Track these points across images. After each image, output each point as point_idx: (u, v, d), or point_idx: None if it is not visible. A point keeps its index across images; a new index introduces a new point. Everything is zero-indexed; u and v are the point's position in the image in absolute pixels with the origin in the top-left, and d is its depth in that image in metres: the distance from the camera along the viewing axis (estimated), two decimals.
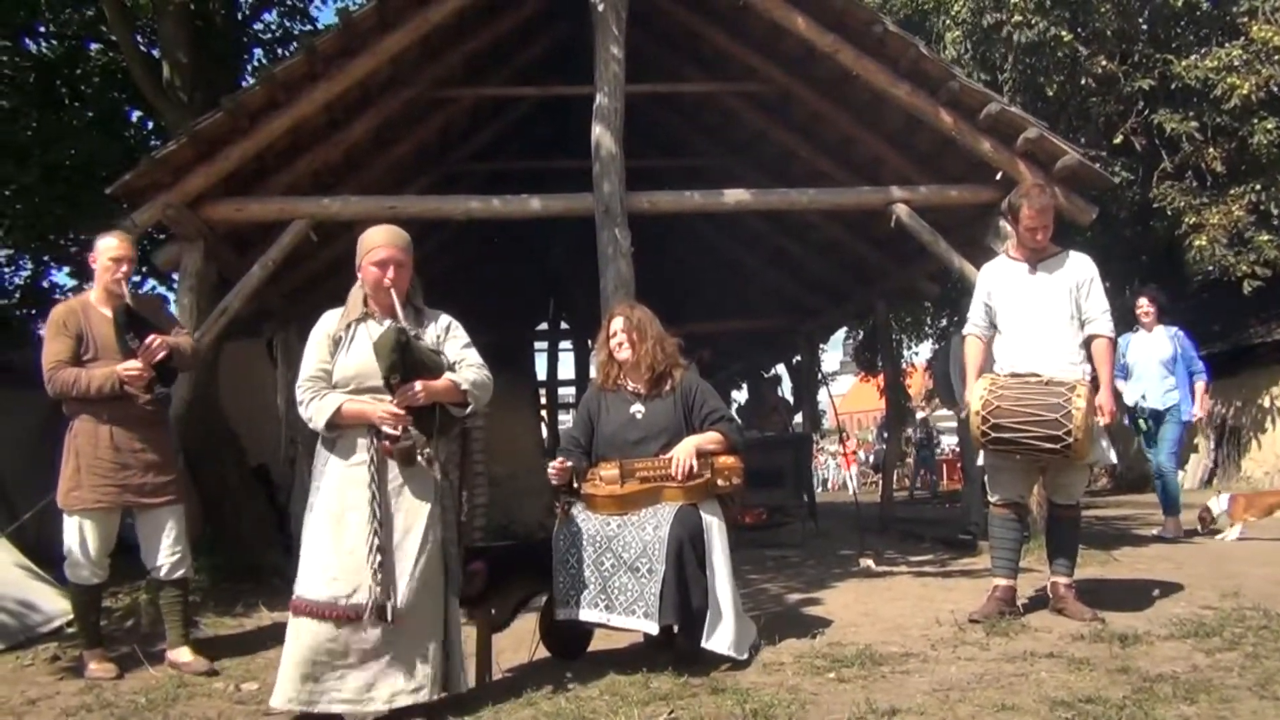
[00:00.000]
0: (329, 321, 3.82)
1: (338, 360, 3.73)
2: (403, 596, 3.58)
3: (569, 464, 4.40)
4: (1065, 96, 11.42)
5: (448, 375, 3.76)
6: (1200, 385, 8.03)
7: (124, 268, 4.86)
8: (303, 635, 3.50)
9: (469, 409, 3.85)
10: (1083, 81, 11.08)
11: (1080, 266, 4.98)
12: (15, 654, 5.09)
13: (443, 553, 3.77)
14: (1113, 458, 5.11)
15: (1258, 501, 8.05)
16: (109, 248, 4.88)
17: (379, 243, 3.82)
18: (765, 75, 8.53)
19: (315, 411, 3.66)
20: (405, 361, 3.62)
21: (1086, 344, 4.92)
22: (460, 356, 3.85)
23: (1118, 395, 5.89)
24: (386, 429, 3.62)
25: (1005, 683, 3.67)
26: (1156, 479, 8.13)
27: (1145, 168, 11.73)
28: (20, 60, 10.56)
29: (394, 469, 3.68)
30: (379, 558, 3.54)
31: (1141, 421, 8.12)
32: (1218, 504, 7.97)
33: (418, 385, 3.64)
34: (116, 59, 10.51)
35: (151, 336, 4.72)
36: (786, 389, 14.39)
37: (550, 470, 4.41)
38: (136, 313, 4.82)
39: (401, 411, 3.63)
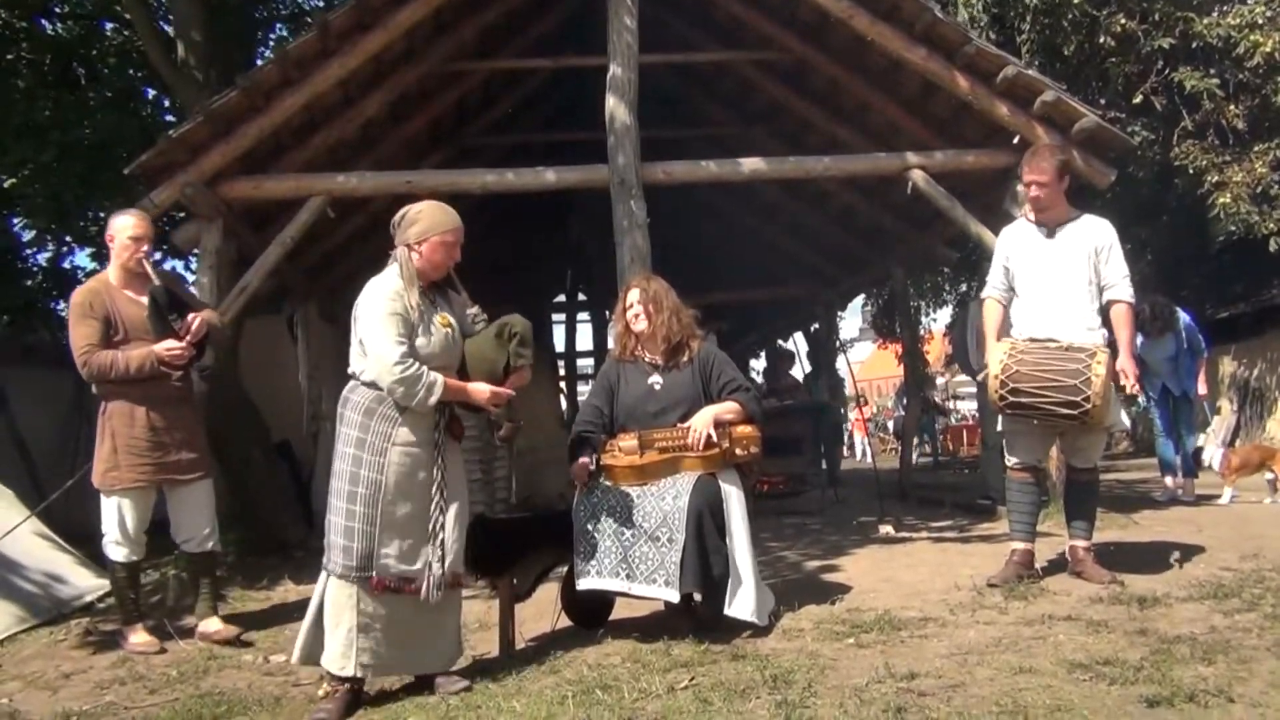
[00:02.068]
0: (398, 293, 3.74)
1: (419, 340, 3.73)
2: (457, 563, 3.83)
3: (590, 467, 4.45)
4: (1084, 57, 11.29)
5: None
6: (1200, 363, 8.15)
7: (144, 246, 4.87)
8: (366, 605, 3.62)
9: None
10: (1101, 41, 10.94)
11: (1099, 231, 4.94)
12: (48, 629, 5.19)
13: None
14: (1126, 421, 5.11)
15: (1248, 457, 8.07)
16: (126, 226, 4.89)
17: (452, 225, 3.88)
18: (780, 43, 8.46)
19: (426, 389, 3.66)
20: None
21: (1105, 309, 4.90)
22: None
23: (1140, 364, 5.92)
24: (492, 410, 3.91)
25: (1023, 646, 3.70)
26: (1166, 439, 8.19)
27: (1166, 127, 11.59)
28: (36, 41, 10.59)
29: (449, 451, 3.85)
30: (442, 535, 3.73)
31: (1139, 411, 8.28)
32: (1211, 450, 8.04)
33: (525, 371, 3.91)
34: (132, 38, 10.53)
35: (192, 315, 4.80)
36: (802, 356, 14.35)
37: (574, 470, 4.47)
38: (174, 291, 4.89)
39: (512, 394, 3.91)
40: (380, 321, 3.69)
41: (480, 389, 3.82)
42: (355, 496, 3.64)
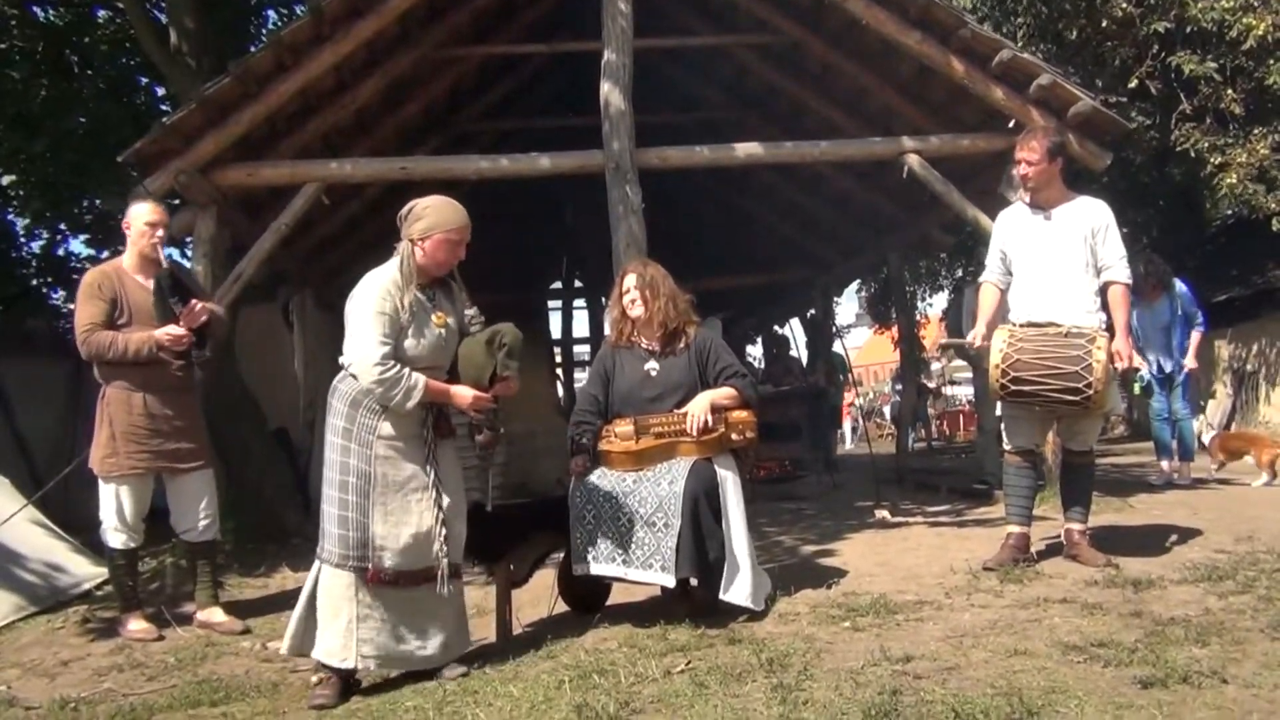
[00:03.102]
0: (392, 291, 3.71)
1: (408, 341, 3.72)
2: (455, 555, 3.83)
3: (588, 464, 4.45)
4: (1080, 41, 11.27)
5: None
6: (1195, 335, 8.04)
7: (159, 233, 4.92)
8: (365, 595, 3.62)
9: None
10: (1103, 25, 10.92)
11: (1096, 212, 4.93)
12: (46, 617, 5.20)
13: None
14: (1122, 405, 5.13)
15: (1228, 443, 8.07)
16: (143, 213, 4.94)
17: (458, 223, 3.83)
18: (775, 27, 8.45)
19: (404, 394, 3.64)
20: None
21: (1102, 291, 4.90)
22: None
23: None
24: (473, 415, 3.86)
25: (1018, 628, 3.72)
26: (1163, 423, 8.16)
27: (1162, 112, 11.58)
28: (29, 30, 10.53)
29: (441, 445, 3.85)
30: (444, 529, 3.72)
31: (1141, 386, 8.17)
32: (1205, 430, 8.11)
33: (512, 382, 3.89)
34: (124, 26, 10.48)
35: (194, 301, 4.80)
36: (801, 343, 14.37)
37: (573, 466, 4.47)
38: (179, 278, 4.89)
39: (494, 401, 3.87)
40: (367, 319, 3.67)
41: (463, 394, 3.81)
42: (347, 486, 3.65)
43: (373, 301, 3.68)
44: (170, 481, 4.96)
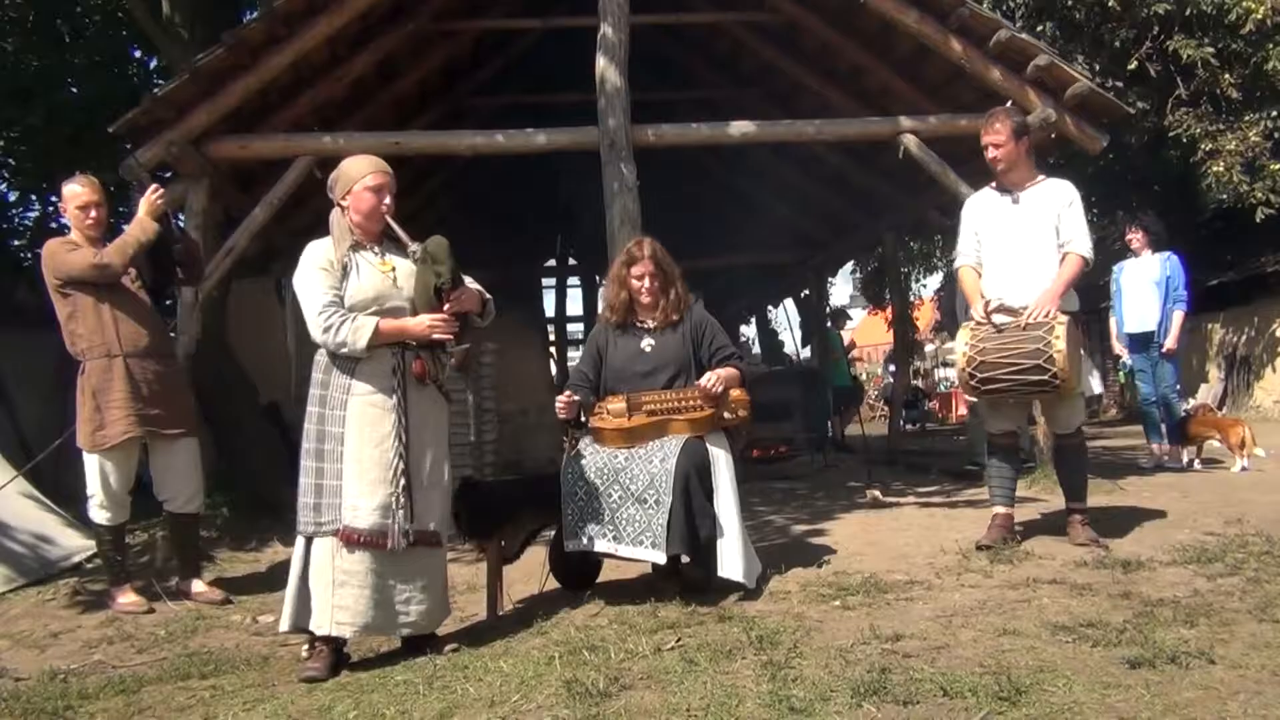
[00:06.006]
0: (324, 250, 3.78)
1: (349, 286, 3.71)
2: (438, 522, 3.78)
3: (575, 398, 4.42)
4: (1081, 22, 11.24)
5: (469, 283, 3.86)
6: (1178, 315, 7.90)
7: (92, 213, 4.88)
8: (342, 562, 3.58)
9: (486, 320, 3.98)
10: (1095, 5, 10.88)
11: (1061, 192, 4.92)
12: (36, 589, 5.19)
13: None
14: (1097, 387, 5.12)
15: (1190, 428, 7.98)
16: (74, 196, 4.90)
17: (372, 169, 3.86)
18: (773, 4, 8.40)
19: (352, 334, 3.61)
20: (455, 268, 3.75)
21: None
22: None
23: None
24: (439, 335, 3.72)
25: (1007, 608, 3.72)
26: (1151, 406, 8.15)
27: (1160, 95, 11.55)
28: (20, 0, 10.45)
29: (414, 397, 3.74)
30: (403, 481, 3.64)
31: (1126, 356, 8.09)
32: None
33: (467, 290, 3.78)
34: None
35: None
36: (795, 323, 14.40)
37: (557, 405, 4.44)
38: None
39: (453, 318, 3.74)
40: (305, 281, 3.72)
41: (416, 322, 3.72)
42: (322, 454, 3.65)
43: (307, 264, 3.75)
44: (155, 450, 4.95)
